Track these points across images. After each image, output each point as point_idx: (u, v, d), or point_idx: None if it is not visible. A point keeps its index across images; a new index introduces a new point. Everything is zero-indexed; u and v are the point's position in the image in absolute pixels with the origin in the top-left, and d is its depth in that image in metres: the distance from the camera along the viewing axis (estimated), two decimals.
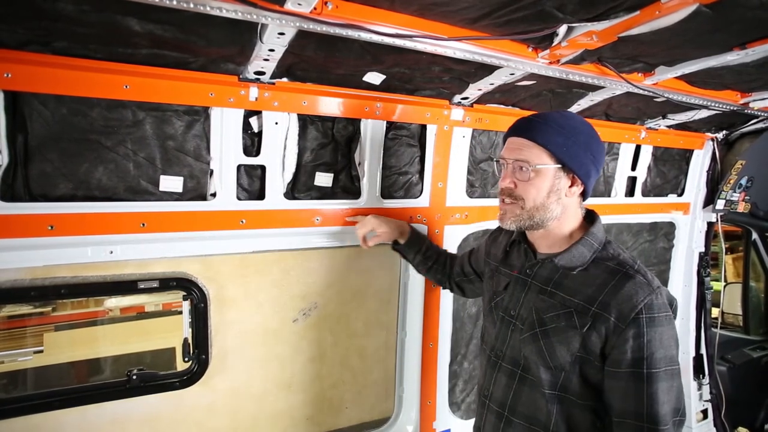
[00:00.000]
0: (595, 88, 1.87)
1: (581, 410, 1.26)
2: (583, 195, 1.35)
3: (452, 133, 2.02)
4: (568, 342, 1.23)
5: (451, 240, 2.15)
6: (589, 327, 1.20)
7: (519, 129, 1.33)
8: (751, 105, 2.07)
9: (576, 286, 1.26)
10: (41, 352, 3.85)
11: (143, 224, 1.52)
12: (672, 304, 1.24)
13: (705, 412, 3.20)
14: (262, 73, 1.54)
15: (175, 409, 1.71)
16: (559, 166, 1.28)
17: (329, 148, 1.84)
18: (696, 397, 3.14)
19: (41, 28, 1.18)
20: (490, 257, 1.61)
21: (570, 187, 1.31)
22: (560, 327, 1.24)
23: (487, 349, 1.46)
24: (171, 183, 1.56)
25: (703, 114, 2.31)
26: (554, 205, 1.30)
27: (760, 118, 2.50)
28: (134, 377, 1.62)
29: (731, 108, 2.11)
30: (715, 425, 3.21)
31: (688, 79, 1.79)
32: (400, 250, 1.95)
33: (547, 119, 1.31)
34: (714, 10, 1.18)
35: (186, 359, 1.73)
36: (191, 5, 1.08)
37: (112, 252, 1.51)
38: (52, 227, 1.40)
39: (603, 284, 1.23)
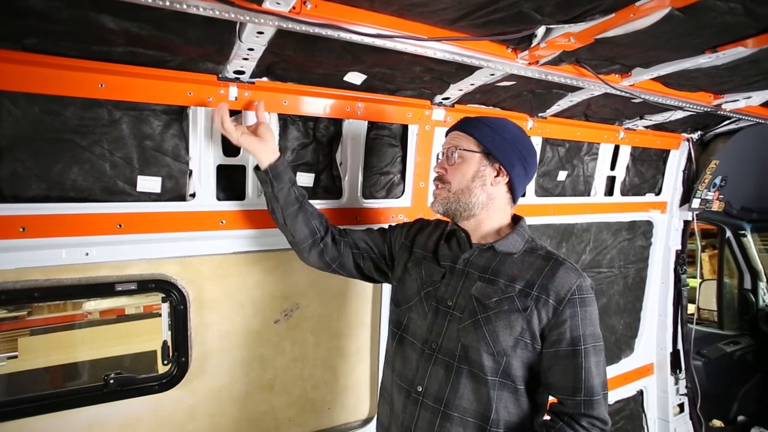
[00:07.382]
0: (573, 89, 1.90)
1: (520, 395, 1.32)
2: (512, 192, 1.44)
3: (434, 133, 2.03)
4: (511, 326, 1.29)
5: None
6: (530, 309, 1.29)
7: (456, 125, 1.49)
8: (723, 106, 2.12)
9: (514, 272, 1.35)
10: (15, 357, 3.75)
11: (120, 225, 1.49)
12: (593, 288, 1.34)
13: (681, 406, 3.28)
14: (242, 73, 1.52)
15: (155, 413, 1.68)
16: (485, 154, 1.40)
17: (310, 148, 1.83)
18: (673, 391, 3.21)
19: (11, 25, 1.15)
20: (415, 245, 1.58)
21: (496, 176, 1.41)
22: (503, 311, 1.30)
23: (417, 342, 1.42)
24: (149, 183, 1.54)
25: (679, 115, 2.37)
26: (479, 190, 1.40)
27: (732, 120, 2.58)
28: (112, 381, 1.59)
29: (705, 109, 2.16)
30: (690, 418, 3.29)
31: (664, 80, 1.83)
32: (270, 173, 1.49)
33: (481, 118, 1.45)
34: (686, 14, 1.21)
35: (165, 362, 1.70)
36: (167, 3, 1.06)
37: (87, 254, 1.47)
38: (24, 229, 1.36)
39: (540, 269, 1.33)
